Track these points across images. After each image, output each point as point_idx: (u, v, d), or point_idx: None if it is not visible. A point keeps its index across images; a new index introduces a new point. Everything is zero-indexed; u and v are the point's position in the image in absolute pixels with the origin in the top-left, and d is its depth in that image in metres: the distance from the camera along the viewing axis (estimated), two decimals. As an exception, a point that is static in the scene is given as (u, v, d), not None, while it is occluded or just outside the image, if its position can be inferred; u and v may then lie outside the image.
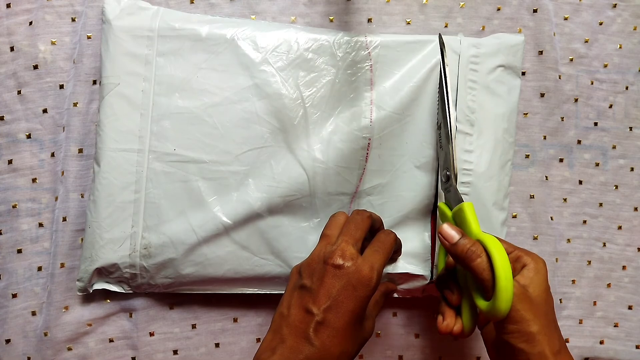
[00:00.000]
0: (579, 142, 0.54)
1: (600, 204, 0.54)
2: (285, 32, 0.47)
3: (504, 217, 0.48)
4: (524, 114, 0.52)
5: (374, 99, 0.46)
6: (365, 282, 0.35)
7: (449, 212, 0.40)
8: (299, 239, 0.46)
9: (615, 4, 0.53)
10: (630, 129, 0.54)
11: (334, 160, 0.46)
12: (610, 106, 0.54)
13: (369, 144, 0.46)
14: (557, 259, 0.53)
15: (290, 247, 0.46)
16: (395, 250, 0.43)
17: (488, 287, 0.34)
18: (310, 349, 0.33)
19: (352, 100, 0.46)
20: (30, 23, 0.49)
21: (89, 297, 0.48)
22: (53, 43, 0.49)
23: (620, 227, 0.54)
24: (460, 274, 0.39)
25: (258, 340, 0.50)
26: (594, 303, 0.53)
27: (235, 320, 0.50)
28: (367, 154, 0.46)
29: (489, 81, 0.47)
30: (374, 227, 0.42)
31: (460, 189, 0.45)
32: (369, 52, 0.46)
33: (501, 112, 0.48)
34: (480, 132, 0.47)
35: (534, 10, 0.52)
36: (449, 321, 0.39)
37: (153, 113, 0.46)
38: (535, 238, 0.52)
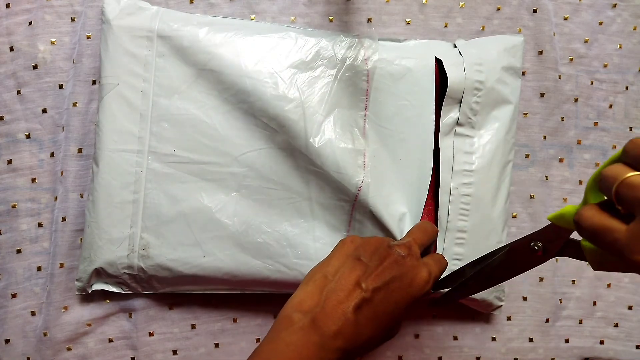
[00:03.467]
0: (579, 142, 0.53)
1: (600, 204, 0.54)
2: (284, 34, 0.47)
3: (505, 217, 0.48)
4: (524, 114, 0.52)
5: (368, 110, 0.46)
6: (421, 284, 0.35)
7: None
8: (299, 243, 0.46)
9: (615, 4, 0.53)
10: (630, 129, 0.54)
11: (330, 166, 0.45)
12: (610, 106, 0.54)
13: (364, 153, 0.46)
14: (557, 259, 0.53)
15: (289, 250, 0.46)
16: None
17: None
18: (344, 322, 0.32)
19: (348, 107, 0.46)
20: (30, 23, 0.49)
21: (89, 297, 0.48)
22: (52, 43, 0.49)
23: (620, 227, 0.54)
24: None
25: (258, 340, 0.50)
26: (594, 303, 0.53)
27: (234, 320, 0.50)
28: (364, 162, 0.45)
29: (493, 82, 0.47)
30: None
31: (462, 190, 0.45)
32: (366, 58, 0.46)
33: (503, 113, 0.48)
34: (482, 134, 0.47)
35: (533, 10, 0.52)
36: None
37: (152, 114, 0.46)
38: (535, 238, 0.52)
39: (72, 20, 0.49)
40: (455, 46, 0.49)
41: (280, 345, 0.32)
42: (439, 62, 0.47)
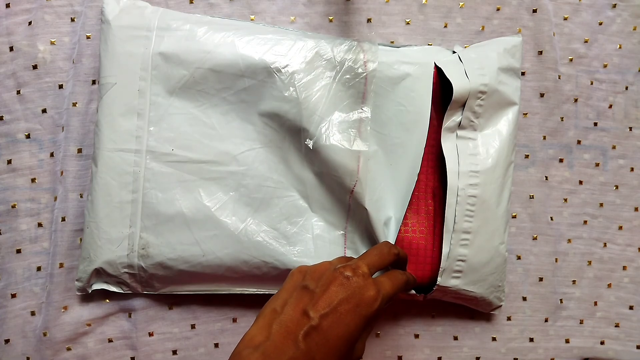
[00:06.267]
0: (579, 142, 0.53)
1: (601, 204, 0.54)
2: (283, 34, 0.47)
3: (507, 218, 0.48)
4: (524, 114, 0.52)
5: (365, 113, 0.46)
6: (369, 302, 0.35)
7: None
8: (298, 241, 0.46)
9: (615, 4, 0.53)
10: (630, 129, 0.54)
11: (326, 167, 0.45)
12: (610, 106, 0.54)
13: (359, 156, 0.45)
14: (556, 259, 0.52)
15: (289, 249, 0.46)
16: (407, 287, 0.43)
17: None
18: (295, 351, 0.32)
19: (345, 108, 0.46)
20: (30, 23, 0.49)
21: (88, 297, 0.48)
22: (52, 43, 0.49)
23: (620, 228, 0.54)
24: None
25: (257, 340, 0.50)
26: (595, 303, 0.53)
27: (234, 320, 0.50)
28: (359, 166, 0.45)
29: (496, 84, 0.47)
30: (397, 264, 0.42)
31: (468, 191, 0.45)
32: (365, 62, 0.46)
33: (507, 114, 0.48)
34: (485, 135, 0.47)
35: (533, 10, 0.52)
36: None
37: (151, 113, 0.46)
38: (534, 238, 0.52)
39: (72, 20, 0.49)
40: (454, 52, 0.49)
41: None
42: (438, 69, 0.47)
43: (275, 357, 0.32)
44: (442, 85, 0.48)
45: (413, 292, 0.47)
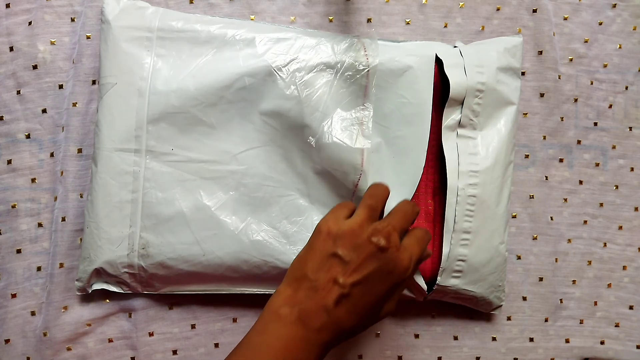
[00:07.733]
0: (579, 142, 0.53)
1: (601, 204, 0.54)
2: (284, 33, 0.47)
3: (507, 218, 0.48)
4: (524, 114, 0.52)
5: (367, 109, 0.46)
6: (403, 271, 0.36)
7: None
8: (299, 240, 0.46)
9: (615, 4, 0.53)
10: (630, 129, 0.54)
11: (328, 164, 0.45)
12: (610, 106, 0.54)
13: (362, 152, 0.45)
14: (556, 259, 0.53)
15: (289, 248, 0.46)
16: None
17: None
18: (326, 318, 0.34)
19: (347, 105, 0.46)
20: (30, 23, 0.49)
21: (88, 297, 0.48)
22: (52, 43, 0.49)
23: (620, 227, 0.54)
24: None
25: (257, 340, 0.50)
26: (595, 303, 0.53)
27: (234, 320, 0.50)
28: (362, 160, 0.45)
29: (495, 83, 0.47)
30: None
31: (468, 190, 0.45)
32: (366, 58, 0.46)
33: (506, 113, 0.48)
34: (485, 135, 0.47)
35: (533, 10, 0.52)
36: None
37: (150, 113, 0.46)
38: (534, 238, 0.52)
39: (72, 20, 0.49)
40: (456, 47, 0.49)
41: (269, 337, 0.34)
42: (438, 64, 0.47)
43: (309, 321, 0.34)
44: (442, 85, 0.48)
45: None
